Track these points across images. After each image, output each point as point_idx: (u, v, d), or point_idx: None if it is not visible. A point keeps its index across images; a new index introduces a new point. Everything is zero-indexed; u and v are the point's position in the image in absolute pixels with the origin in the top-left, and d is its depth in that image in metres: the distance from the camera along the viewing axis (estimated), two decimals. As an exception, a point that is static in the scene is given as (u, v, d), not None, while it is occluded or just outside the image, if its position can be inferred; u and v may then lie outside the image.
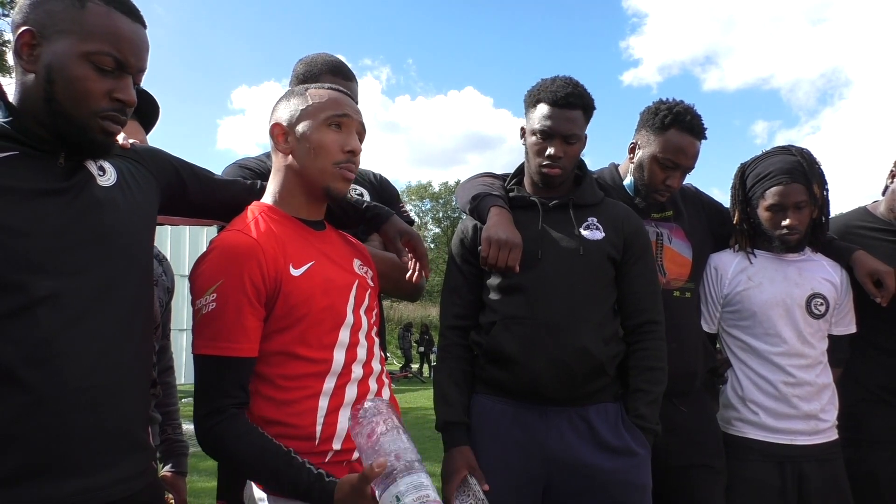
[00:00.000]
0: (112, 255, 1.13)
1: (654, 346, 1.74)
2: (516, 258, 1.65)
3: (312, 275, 1.33)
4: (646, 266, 1.80)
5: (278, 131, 1.40)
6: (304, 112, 1.38)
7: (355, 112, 1.43)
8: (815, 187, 1.96)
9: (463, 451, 1.68)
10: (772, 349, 1.97)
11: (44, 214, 1.05)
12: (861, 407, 2.09)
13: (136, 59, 1.12)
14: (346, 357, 1.33)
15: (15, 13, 1.09)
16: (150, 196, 1.28)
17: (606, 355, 1.69)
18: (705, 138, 1.97)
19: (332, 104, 1.39)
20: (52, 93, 1.06)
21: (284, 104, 1.43)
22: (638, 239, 1.79)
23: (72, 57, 1.06)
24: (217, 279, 1.27)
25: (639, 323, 1.76)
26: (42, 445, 1.02)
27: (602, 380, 1.70)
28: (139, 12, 1.15)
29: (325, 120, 1.37)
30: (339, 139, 1.38)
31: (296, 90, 1.44)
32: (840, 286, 2.04)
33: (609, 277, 1.76)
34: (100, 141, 1.11)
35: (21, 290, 1.01)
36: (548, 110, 1.74)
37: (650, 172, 1.94)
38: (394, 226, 1.56)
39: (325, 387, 1.30)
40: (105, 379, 1.08)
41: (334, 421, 1.29)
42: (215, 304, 1.26)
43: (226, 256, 1.28)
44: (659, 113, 1.94)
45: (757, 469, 1.94)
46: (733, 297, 2.05)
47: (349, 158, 1.39)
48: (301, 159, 1.38)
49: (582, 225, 1.76)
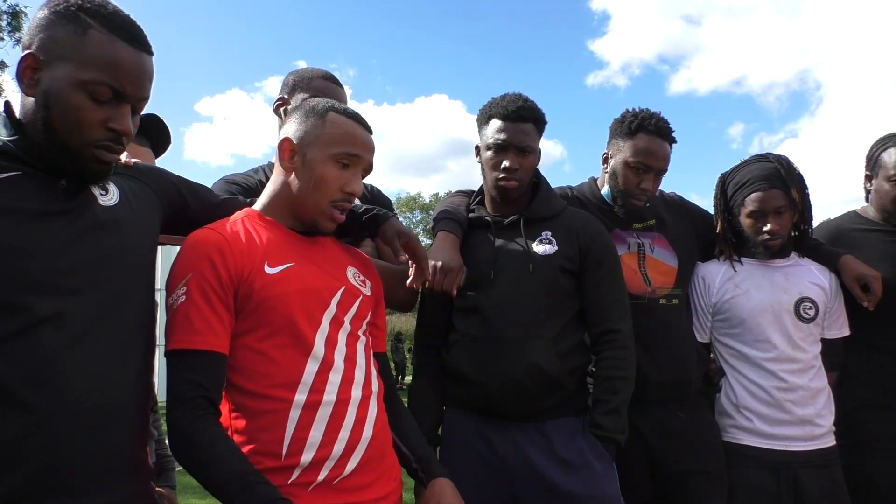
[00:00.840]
0: (114, 275, 1.13)
1: (612, 354, 1.74)
2: (452, 282, 1.68)
3: (289, 276, 1.30)
4: (606, 274, 1.79)
5: (286, 146, 1.37)
6: (317, 138, 1.35)
7: (367, 152, 1.39)
8: (794, 192, 1.99)
9: None
10: (762, 355, 1.99)
11: (46, 235, 1.05)
12: (860, 414, 2.07)
13: (134, 89, 1.10)
14: (319, 366, 1.27)
15: (24, 34, 1.10)
16: (152, 215, 1.28)
17: (562, 370, 1.70)
18: (675, 141, 2.02)
19: (348, 140, 1.36)
20: (48, 119, 1.06)
21: (301, 119, 1.38)
22: (596, 247, 1.80)
23: (69, 85, 1.05)
24: (187, 273, 1.25)
25: (600, 332, 1.77)
26: (42, 467, 1.01)
27: (558, 395, 1.71)
28: (145, 39, 1.12)
29: (334, 155, 1.34)
30: (342, 178, 1.35)
31: (317, 108, 1.39)
32: (829, 290, 2.06)
33: (566, 289, 1.77)
34: (94, 170, 1.11)
35: (23, 311, 1.01)
36: (500, 124, 1.79)
37: (624, 178, 1.98)
38: (392, 227, 1.55)
39: (296, 398, 1.24)
40: (107, 400, 1.08)
41: (305, 436, 1.23)
42: (185, 298, 1.23)
43: (192, 250, 1.27)
44: (625, 120, 2.00)
45: (752, 476, 1.93)
46: (721, 305, 2.07)
47: (346, 198, 1.37)
48: (300, 184, 1.35)
49: (536, 240, 1.79)
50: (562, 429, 1.70)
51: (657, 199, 2.12)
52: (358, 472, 1.28)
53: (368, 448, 1.30)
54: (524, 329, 1.71)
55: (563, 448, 1.67)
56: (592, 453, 1.67)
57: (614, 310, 1.78)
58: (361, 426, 1.30)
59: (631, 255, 2.02)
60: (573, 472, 1.65)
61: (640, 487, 1.88)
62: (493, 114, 1.82)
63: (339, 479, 1.25)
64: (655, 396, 1.90)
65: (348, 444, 1.27)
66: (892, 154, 2.11)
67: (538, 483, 1.66)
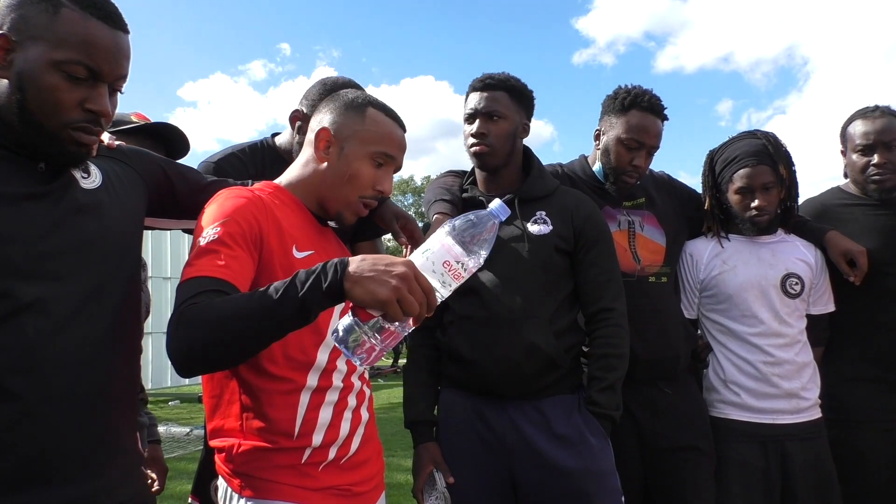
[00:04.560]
0: (98, 260, 1.11)
1: (607, 332, 1.75)
2: None
3: (312, 263, 1.25)
4: (599, 253, 1.81)
5: (324, 136, 1.36)
6: (355, 133, 1.34)
7: (402, 153, 1.40)
8: (782, 168, 2.00)
9: (428, 447, 1.75)
10: (749, 330, 2.01)
11: (26, 219, 1.03)
12: (846, 386, 2.11)
13: (110, 67, 1.07)
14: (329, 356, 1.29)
15: None
16: (137, 198, 1.25)
17: (557, 349, 1.71)
18: (666, 118, 2.02)
19: (387, 141, 1.36)
20: (23, 101, 1.03)
21: (339, 111, 1.37)
22: (590, 227, 1.81)
23: (42, 65, 1.02)
24: (223, 217, 1.19)
25: (594, 311, 1.78)
26: (29, 454, 1.00)
27: (554, 373, 1.72)
28: (120, 16, 1.10)
29: (372, 154, 1.34)
30: (375, 176, 1.35)
31: (357, 101, 1.38)
32: (815, 266, 2.08)
33: (561, 269, 1.78)
34: (72, 152, 1.08)
35: (5, 297, 0.99)
36: (471, 96, 1.86)
37: (616, 155, 1.98)
38: (389, 209, 1.55)
39: (308, 382, 1.26)
40: (93, 386, 1.07)
41: (315, 417, 1.25)
42: (216, 236, 1.16)
43: (229, 201, 1.23)
44: (618, 97, 2.00)
45: (740, 450, 1.96)
46: (709, 281, 2.08)
47: (375, 196, 1.37)
48: (332, 176, 1.35)
49: (530, 219, 1.79)
50: (558, 406, 1.71)
51: (647, 177, 2.12)
52: (360, 451, 1.33)
53: (366, 429, 1.36)
54: (521, 309, 1.71)
55: (560, 425, 1.69)
56: (588, 429, 1.69)
57: (609, 289, 1.79)
58: (360, 409, 1.35)
59: (621, 233, 2.02)
60: (570, 447, 1.67)
61: (631, 465, 1.89)
62: (468, 91, 1.87)
63: (346, 459, 1.30)
64: (644, 374, 1.92)
65: (352, 425, 1.31)
66: (857, 126, 2.15)
67: (535, 460, 1.68)
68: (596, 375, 1.73)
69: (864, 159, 2.13)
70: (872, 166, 2.10)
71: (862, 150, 2.13)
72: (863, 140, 2.12)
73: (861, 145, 2.13)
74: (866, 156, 2.12)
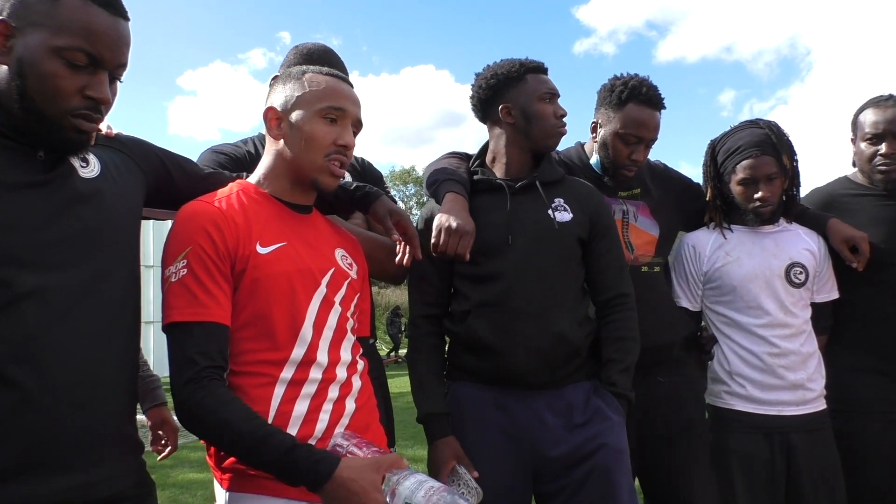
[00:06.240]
0: (98, 249, 1.11)
1: (623, 317, 1.75)
2: (466, 246, 1.62)
3: (281, 256, 1.30)
4: (611, 242, 1.80)
5: (272, 115, 1.37)
6: (299, 99, 1.35)
7: (352, 104, 1.38)
8: (785, 158, 1.99)
9: (448, 441, 1.67)
10: (754, 321, 2.00)
11: (25, 208, 1.03)
12: (851, 378, 2.09)
13: (111, 54, 1.07)
14: (307, 348, 1.29)
15: None
16: (135, 187, 1.26)
17: (580, 337, 1.70)
18: (664, 108, 1.99)
19: (330, 94, 1.35)
20: (23, 88, 1.02)
21: (281, 87, 1.39)
22: (601, 216, 1.80)
23: (43, 52, 1.02)
24: (185, 246, 1.24)
25: (610, 297, 1.76)
26: (30, 443, 1.00)
27: (577, 361, 1.71)
28: (120, 3, 1.10)
29: (319, 111, 1.34)
30: (332, 132, 1.34)
31: (293, 73, 1.40)
32: (818, 254, 2.07)
33: (578, 257, 1.76)
34: (72, 140, 1.08)
35: (5, 286, 0.99)
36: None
37: (614, 149, 1.96)
38: (383, 205, 1.55)
39: (282, 375, 1.26)
40: (93, 375, 1.07)
41: (289, 410, 1.25)
42: (186, 271, 1.22)
43: (189, 223, 1.26)
44: (615, 89, 1.96)
45: (746, 441, 1.96)
46: (713, 273, 2.07)
47: (341, 151, 1.36)
48: (292, 148, 1.35)
49: (550, 206, 1.76)
50: (579, 392, 1.70)
51: (643, 167, 2.10)
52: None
53: (352, 420, 1.33)
54: (548, 297, 1.67)
55: (580, 415, 1.67)
56: (609, 407, 1.67)
57: (622, 275, 1.79)
58: (343, 401, 1.33)
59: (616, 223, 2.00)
60: (592, 426, 1.65)
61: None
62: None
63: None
64: (640, 362, 1.90)
65: (332, 418, 1.29)
66: (868, 114, 2.13)
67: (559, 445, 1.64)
68: (614, 357, 1.72)
69: (872, 148, 2.12)
70: (880, 156, 2.09)
71: (871, 139, 2.12)
72: (872, 129, 2.11)
73: (870, 134, 2.11)
74: (875, 145, 2.11)
